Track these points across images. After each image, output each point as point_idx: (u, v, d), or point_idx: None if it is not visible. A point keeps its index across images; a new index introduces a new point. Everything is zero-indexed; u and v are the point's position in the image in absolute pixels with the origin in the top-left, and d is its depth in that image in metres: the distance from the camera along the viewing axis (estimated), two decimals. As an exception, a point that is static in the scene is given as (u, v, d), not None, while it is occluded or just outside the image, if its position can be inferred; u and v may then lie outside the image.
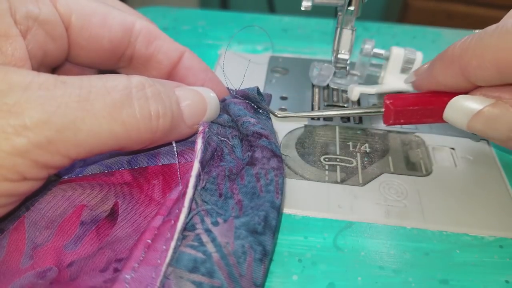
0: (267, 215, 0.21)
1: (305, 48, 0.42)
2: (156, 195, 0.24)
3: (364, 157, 0.29)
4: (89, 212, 0.23)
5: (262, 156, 0.24)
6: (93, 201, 0.23)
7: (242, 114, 0.26)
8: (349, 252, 0.24)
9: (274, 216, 0.21)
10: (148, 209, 0.23)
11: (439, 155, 0.30)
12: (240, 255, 0.20)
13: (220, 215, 0.21)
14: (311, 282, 0.22)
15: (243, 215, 0.21)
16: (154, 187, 0.24)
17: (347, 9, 0.32)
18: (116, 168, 0.25)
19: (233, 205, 0.22)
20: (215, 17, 0.47)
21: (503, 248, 0.24)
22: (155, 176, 0.25)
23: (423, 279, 0.22)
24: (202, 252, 0.19)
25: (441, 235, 0.25)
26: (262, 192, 0.22)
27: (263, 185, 0.22)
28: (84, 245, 0.22)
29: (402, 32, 0.45)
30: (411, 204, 0.26)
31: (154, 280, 0.18)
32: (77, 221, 0.23)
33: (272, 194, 0.22)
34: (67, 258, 0.21)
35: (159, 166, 0.25)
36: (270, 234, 0.21)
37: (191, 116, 0.23)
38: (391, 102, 0.27)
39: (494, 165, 0.29)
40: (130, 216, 0.23)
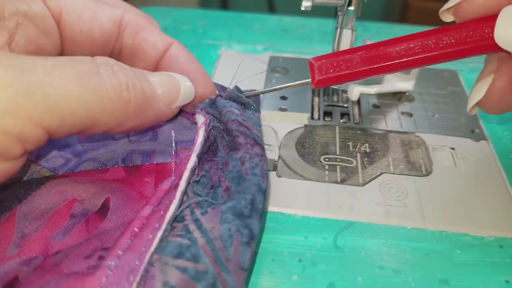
0: (253, 198, 0.21)
1: (305, 48, 0.42)
2: (148, 192, 0.24)
3: (364, 157, 0.29)
4: (80, 206, 0.23)
5: (246, 142, 0.23)
6: (85, 196, 0.24)
7: (227, 105, 0.26)
8: (349, 252, 0.24)
9: (260, 200, 0.21)
10: (139, 205, 0.23)
11: (439, 155, 0.30)
12: (227, 239, 0.19)
13: (211, 205, 0.21)
14: (311, 282, 0.22)
15: (230, 199, 0.21)
16: (147, 185, 0.24)
17: (347, 9, 0.32)
18: (110, 165, 0.25)
19: (221, 193, 0.22)
20: (215, 17, 0.47)
21: (503, 248, 0.24)
22: (148, 174, 0.25)
23: (423, 279, 0.22)
24: (188, 239, 0.19)
25: (441, 235, 0.25)
26: (248, 175, 0.22)
27: (249, 168, 0.22)
28: (72, 237, 0.22)
29: (402, 32, 0.45)
30: (411, 204, 0.26)
31: (137, 267, 0.18)
32: (68, 214, 0.23)
33: (258, 177, 0.22)
34: (54, 248, 0.21)
35: (153, 165, 0.25)
36: (257, 217, 0.21)
37: (165, 94, 0.24)
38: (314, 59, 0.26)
39: (494, 165, 0.29)
40: (121, 211, 0.23)
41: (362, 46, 0.26)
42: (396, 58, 0.25)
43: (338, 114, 0.34)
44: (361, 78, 0.26)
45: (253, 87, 0.36)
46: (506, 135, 0.32)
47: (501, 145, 0.31)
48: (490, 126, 0.33)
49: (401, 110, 0.34)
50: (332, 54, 0.26)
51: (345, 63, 0.25)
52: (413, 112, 0.34)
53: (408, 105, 0.35)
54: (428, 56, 0.24)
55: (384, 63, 0.25)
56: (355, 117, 0.33)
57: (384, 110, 0.34)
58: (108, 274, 0.18)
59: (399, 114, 0.34)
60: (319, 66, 0.26)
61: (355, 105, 0.35)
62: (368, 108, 0.34)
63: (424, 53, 0.25)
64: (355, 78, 0.26)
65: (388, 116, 0.33)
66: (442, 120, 0.33)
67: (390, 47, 0.25)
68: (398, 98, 0.35)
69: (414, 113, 0.34)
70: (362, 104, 0.35)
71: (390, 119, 0.33)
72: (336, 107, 0.35)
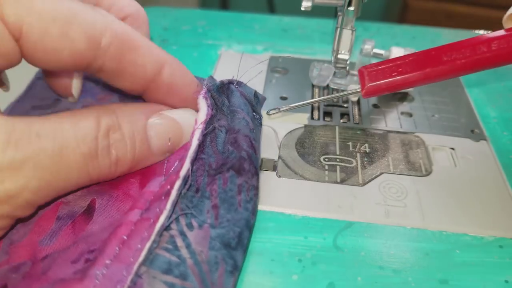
0: (241, 232, 0.22)
1: (305, 48, 0.42)
2: (133, 192, 0.24)
3: (364, 157, 0.29)
4: (66, 208, 0.23)
5: (249, 169, 0.23)
6: (70, 198, 0.24)
7: (245, 110, 0.26)
8: (349, 252, 0.24)
9: (246, 235, 0.22)
10: (124, 204, 0.24)
11: (439, 155, 0.30)
12: (213, 265, 0.20)
13: (195, 217, 0.22)
14: (311, 282, 0.22)
15: (219, 226, 0.21)
16: (132, 185, 0.24)
17: (347, 10, 0.32)
18: None
19: (208, 208, 0.22)
20: (215, 17, 0.47)
21: (503, 248, 0.24)
22: (132, 175, 0.25)
23: (423, 279, 0.22)
24: (176, 256, 0.20)
25: (441, 235, 0.25)
26: (240, 207, 0.22)
27: (243, 200, 0.22)
28: (59, 240, 0.22)
29: (402, 32, 0.45)
30: (411, 204, 0.26)
31: (125, 278, 0.18)
32: (54, 217, 0.23)
33: (249, 213, 0.22)
34: (42, 252, 0.21)
35: None
36: (242, 251, 0.21)
37: (164, 147, 0.24)
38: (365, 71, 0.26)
39: (494, 165, 0.29)
40: (106, 211, 0.23)
41: (412, 53, 0.25)
42: (448, 63, 0.24)
43: (338, 114, 0.34)
44: (413, 85, 0.25)
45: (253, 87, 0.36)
46: (505, 135, 0.32)
47: (501, 145, 0.31)
48: (490, 126, 0.33)
49: (401, 110, 0.34)
50: (382, 62, 0.25)
51: (396, 68, 0.25)
52: (413, 112, 0.34)
53: (408, 105, 0.35)
54: (480, 59, 0.24)
55: (436, 67, 0.24)
56: (355, 117, 0.34)
57: (384, 110, 0.34)
58: (95, 284, 0.18)
59: (399, 114, 0.34)
60: (369, 73, 0.25)
61: (355, 105, 0.35)
62: (368, 108, 0.34)
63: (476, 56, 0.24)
64: (406, 84, 0.25)
65: (388, 116, 0.33)
66: (442, 120, 0.33)
67: (441, 52, 0.25)
68: (398, 98, 0.35)
69: (414, 113, 0.34)
70: (362, 104, 0.35)
71: (390, 119, 0.33)
72: (336, 107, 0.35)
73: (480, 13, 1.10)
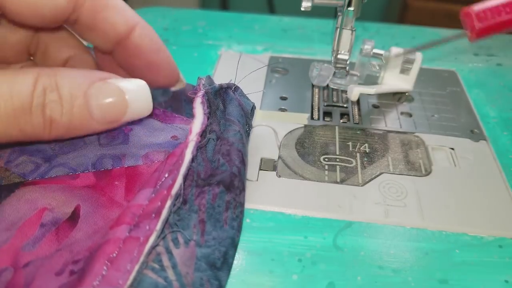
0: (227, 252, 0.22)
1: (305, 48, 0.42)
2: (119, 197, 0.24)
3: (363, 157, 0.29)
4: (50, 214, 0.23)
5: (238, 185, 0.23)
6: (55, 204, 0.23)
7: (241, 122, 0.26)
8: (349, 251, 0.24)
9: (232, 254, 0.22)
10: (109, 211, 0.23)
11: (439, 155, 0.30)
12: (198, 287, 0.20)
13: (181, 232, 0.21)
14: (311, 282, 0.22)
15: (205, 245, 0.21)
16: (117, 189, 0.24)
17: (347, 10, 0.32)
18: (80, 170, 0.25)
19: (195, 222, 0.22)
20: (215, 18, 0.47)
21: (503, 248, 0.24)
22: (118, 178, 0.25)
23: (422, 279, 0.22)
24: (163, 278, 0.20)
25: (441, 235, 0.25)
26: (226, 224, 0.22)
27: (229, 218, 0.22)
28: (42, 246, 0.22)
29: (402, 33, 0.45)
30: (410, 204, 0.26)
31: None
32: (37, 223, 0.23)
33: (234, 231, 0.22)
34: (24, 259, 0.21)
35: (123, 168, 0.25)
36: (227, 271, 0.21)
37: (104, 115, 0.23)
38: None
39: (494, 165, 0.29)
40: (91, 218, 0.23)
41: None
42: None
43: (337, 114, 0.34)
44: None
45: (253, 87, 0.36)
46: (505, 135, 0.32)
47: (500, 145, 0.31)
48: (490, 126, 0.33)
49: (401, 110, 0.34)
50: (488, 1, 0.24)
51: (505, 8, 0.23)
52: (412, 112, 0.34)
53: (407, 105, 0.35)
54: None
55: None
56: (355, 117, 0.34)
57: (383, 110, 0.34)
58: None
59: (398, 114, 0.34)
60: (477, 14, 0.24)
61: (354, 105, 0.35)
62: (368, 108, 0.34)
63: None
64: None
65: (388, 116, 0.33)
66: (441, 120, 0.33)
67: None
68: (398, 98, 0.35)
69: (413, 113, 0.34)
70: (361, 104, 0.35)
71: (389, 119, 0.33)
72: (335, 107, 0.35)
73: (480, 13, 1.09)
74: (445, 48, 0.43)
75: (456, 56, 0.42)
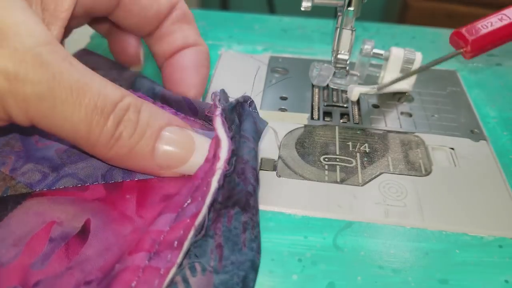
0: (246, 276, 0.20)
1: (305, 48, 0.42)
2: (130, 212, 0.23)
3: (363, 157, 0.29)
4: (59, 229, 0.22)
5: (254, 205, 0.22)
6: (64, 218, 0.23)
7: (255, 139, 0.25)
8: (349, 251, 0.24)
9: (252, 278, 0.21)
10: (120, 226, 0.22)
11: (439, 155, 0.30)
12: None
13: (198, 260, 0.21)
14: (311, 282, 0.22)
15: (223, 271, 0.20)
16: (128, 203, 0.23)
17: (347, 10, 0.32)
18: (90, 182, 0.24)
19: (212, 248, 0.21)
20: (215, 18, 0.47)
21: (503, 248, 0.24)
22: (129, 191, 0.24)
23: (422, 279, 0.22)
24: None
25: (441, 235, 0.25)
26: (245, 247, 0.21)
27: (248, 240, 0.22)
28: (52, 264, 0.21)
29: (402, 33, 0.45)
30: (410, 204, 0.26)
31: None
32: (46, 238, 0.22)
33: (254, 253, 0.21)
34: (33, 277, 0.20)
35: (134, 181, 0.25)
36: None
37: (165, 161, 0.23)
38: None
39: (494, 165, 0.29)
40: (102, 234, 0.22)
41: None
42: None
43: (338, 114, 0.34)
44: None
45: (253, 87, 0.36)
46: (505, 135, 0.32)
47: (500, 145, 0.31)
48: (490, 126, 0.33)
49: (401, 110, 0.34)
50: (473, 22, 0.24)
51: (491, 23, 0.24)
52: (412, 112, 0.34)
53: (407, 105, 0.35)
54: None
55: None
56: (355, 117, 0.34)
57: (383, 110, 0.34)
58: None
59: (398, 114, 0.34)
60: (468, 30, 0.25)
61: (354, 105, 0.35)
62: (368, 108, 0.34)
63: None
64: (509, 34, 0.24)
65: (388, 116, 0.33)
66: (441, 120, 0.33)
67: None
68: (398, 98, 0.35)
69: (413, 113, 0.34)
70: (361, 104, 0.35)
71: (389, 119, 0.33)
72: (335, 107, 0.35)
73: (480, 13, 1.09)
74: (445, 48, 0.43)
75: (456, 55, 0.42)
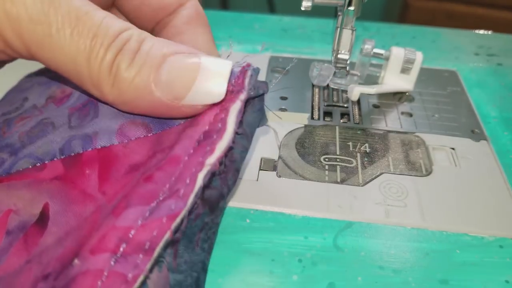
0: (198, 277, 0.20)
1: (305, 48, 0.42)
2: (91, 189, 0.21)
3: (364, 157, 0.29)
4: (16, 218, 0.20)
5: (221, 207, 0.22)
6: (20, 205, 0.20)
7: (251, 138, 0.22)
8: (349, 252, 0.24)
9: (203, 279, 0.21)
10: (82, 207, 0.20)
11: (439, 155, 0.30)
12: None
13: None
14: (311, 282, 0.22)
15: (177, 270, 0.19)
16: (89, 178, 0.21)
17: (347, 9, 0.32)
18: (47, 159, 0.22)
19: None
20: (215, 17, 0.47)
21: (503, 248, 0.24)
22: (89, 164, 0.21)
23: (423, 279, 0.22)
24: None
25: (441, 235, 0.25)
26: (197, 246, 0.20)
27: (201, 239, 0.21)
28: (11, 258, 0.19)
29: (402, 32, 0.45)
30: (411, 204, 0.26)
31: None
32: (3, 230, 0.20)
33: (205, 254, 0.21)
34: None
35: (95, 151, 0.22)
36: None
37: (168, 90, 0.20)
38: None
39: (494, 165, 0.29)
40: (62, 218, 0.20)
41: None
42: None
43: (338, 114, 0.34)
44: None
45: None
46: (506, 135, 0.32)
47: (501, 145, 0.31)
48: (490, 126, 0.33)
49: (401, 110, 0.34)
50: None
51: None
52: (413, 112, 0.34)
53: (408, 105, 0.35)
54: None
55: None
56: (355, 117, 0.34)
57: (384, 110, 0.34)
58: None
59: (399, 114, 0.34)
60: None
61: (355, 105, 0.35)
62: (368, 108, 0.34)
63: None
64: None
65: (388, 116, 0.33)
66: (442, 120, 0.33)
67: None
68: (398, 98, 0.35)
69: (414, 113, 0.34)
70: (362, 104, 0.35)
71: (390, 119, 0.33)
72: (336, 107, 0.35)
73: (480, 13, 1.10)
74: (445, 48, 0.43)
75: (457, 55, 0.42)
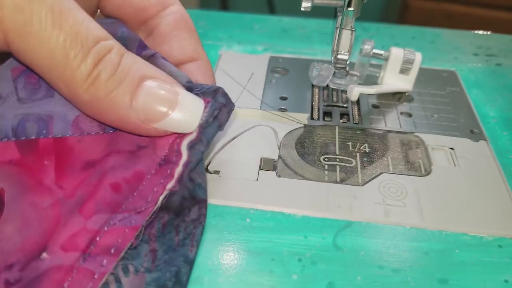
0: (178, 271, 0.20)
1: (305, 48, 0.42)
2: (49, 181, 0.21)
3: (363, 157, 0.29)
4: None
5: (187, 205, 0.22)
6: None
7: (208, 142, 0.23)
8: (349, 251, 0.24)
9: (186, 271, 0.21)
10: (39, 198, 0.20)
11: (438, 155, 0.30)
12: None
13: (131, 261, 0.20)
14: (310, 282, 0.22)
15: (155, 269, 0.20)
16: (46, 170, 0.21)
17: (347, 10, 0.32)
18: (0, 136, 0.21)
19: (146, 252, 0.21)
20: (215, 18, 0.47)
21: (502, 248, 0.24)
22: (47, 155, 0.21)
23: (422, 279, 0.22)
24: None
25: (440, 234, 0.25)
26: (178, 246, 0.21)
27: (181, 239, 0.21)
28: None
29: (401, 33, 0.45)
30: (410, 204, 0.26)
31: None
32: None
33: (187, 247, 0.21)
34: None
35: (51, 140, 0.22)
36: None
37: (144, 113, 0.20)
38: None
39: (494, 165, 0.29)
40: (18, 205, 0.20)
41: None
42: None
43: (337, 114, 0.34)
44: None
45: (253, 87, 0.36)
46: (505, 135, 0.32)
47: (500, 145, 0.31)
48: (489, 126, 0.33)
49: (401, 110, 0.34)
50: None
51: None
52: (412, 112, 0.34)
53: (407, 105, 0.35)
54: None
55: None
56: (355, 117, 0.34)
57: (383, 110, 0.34)
58: None
59: (398, 114, 0.34)
60: None
61: (354, 105, 0.35)
62: (368, 108, 0.34)
63: None
64: None
65: (388, 116, 0.34)
66: (441, 120, 0.33)
67: None
68: (398, 98, 0.35)
69: (413, 113, 0.34)
70: (361, 104, 0.35)
71: (389, 119, 0.33)
72: (335, 107, 0.35)
73: (480, 13, 1.10)
74: (445, 48, 0.43)
75: (456, 56, 0.42)
